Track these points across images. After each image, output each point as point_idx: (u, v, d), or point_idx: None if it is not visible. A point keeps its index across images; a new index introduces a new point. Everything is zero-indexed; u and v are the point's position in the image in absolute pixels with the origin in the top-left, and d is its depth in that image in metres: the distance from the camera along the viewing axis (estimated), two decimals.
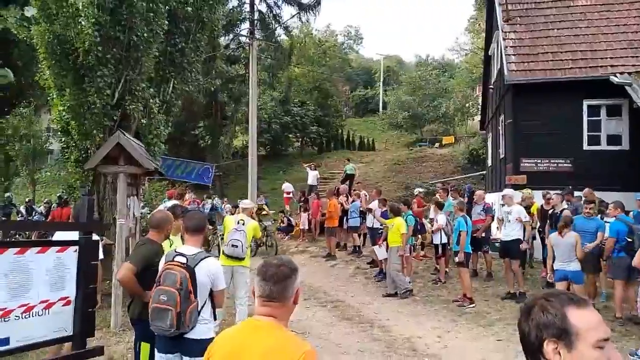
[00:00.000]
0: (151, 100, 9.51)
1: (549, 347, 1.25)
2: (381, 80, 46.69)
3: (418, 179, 24.48)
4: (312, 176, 21.07)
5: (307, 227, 15.41)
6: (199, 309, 3.42)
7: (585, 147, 12.05)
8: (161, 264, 3.56)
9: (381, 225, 10.73)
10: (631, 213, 8.38)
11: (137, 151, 7.13)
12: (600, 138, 12.04)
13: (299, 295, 1.97)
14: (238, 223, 6.81)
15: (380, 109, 43.25)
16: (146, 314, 3.49)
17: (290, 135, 32.88)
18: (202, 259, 3.48)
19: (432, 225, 10.56)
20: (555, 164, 12.14)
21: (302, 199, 16.81)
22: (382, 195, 12.41)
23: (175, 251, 3.58)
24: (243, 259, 6.68)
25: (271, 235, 14.32)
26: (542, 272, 10.05)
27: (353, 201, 13.33)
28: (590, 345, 1.21)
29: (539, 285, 9.43)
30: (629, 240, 7.32)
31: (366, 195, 13.22)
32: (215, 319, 3.69)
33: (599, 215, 8.35)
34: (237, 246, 6.59)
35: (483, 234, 10.05)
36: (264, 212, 15.93)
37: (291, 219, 16.74)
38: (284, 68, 30.02)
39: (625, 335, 6.82)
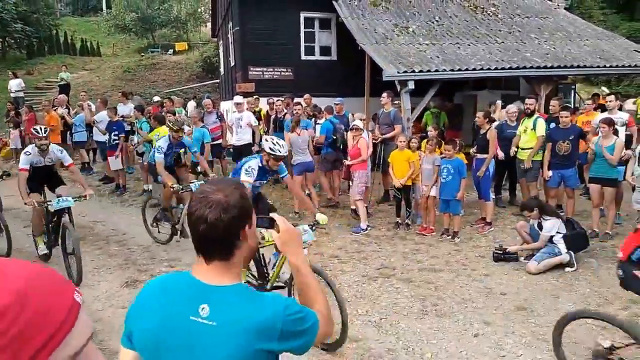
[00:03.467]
0: None
1: (249, 230, 1.39)
2: None
3: (152, 87, 23.36)
4: (15, 85, 17.82)
5: (20, 146, 13.22)
6: None
7: (303, 57, 13.37)
8: None
9: (116, 137, 10.04)
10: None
11: None
12: (315, 49, 13.50)
13: None
14: None
15: (104, 9, 38.35)
16: None
17: None
18: None
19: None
20: (279, 73, 13.19)
21: (13, 112, 14.20)
22: (109, 105, 11.45)
23: None
24: None
25: None
26: None
27: (76, 113, 11.95)
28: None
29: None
30: (334, 137, 8.73)
31: (90, 106, 11.97)
32: None
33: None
34: None
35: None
36: None
37: None
38: None
39: (333, 215, 8.35)
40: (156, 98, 14.23)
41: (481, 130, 7.72)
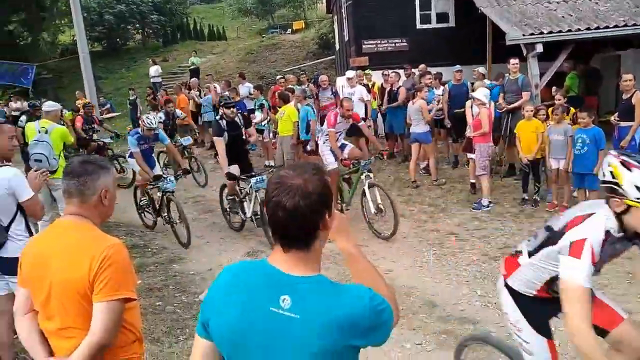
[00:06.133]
0: None
1: (329, 218, 1.32)
2: None
3: (272, 67, 24.23)
4: (153, 71, 19.69)
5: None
6: (4, 225, 3.08)
7: (418, 25, 12.82)
8: None
9: None
10: (447, 85, 9.39)
11: None
12: (431, 16, 12.86)
13: (107, 197, 1.88)
14: (39, 132, 6.02)
15: None
16: None
17: (129, 27, 29.57)
18: None
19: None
20: (393, 44, 12.82)
21: (151, 97, 15.74)
22: (232, 86, 12.11)
23: None
24: (55, 171, 5.88)
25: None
26: (385, 146, 11.02)
27: (205, 95, 12.85)
28: None
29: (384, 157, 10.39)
30: None
31: (216, 88, 12.77)
32: (31, 233, 3.30)
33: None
34: (40, 160, 5.84)
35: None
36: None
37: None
38: None
39: (451, 190, 8.00)
40: (289, 76, 14.30)
41: (624, 95, 6.77)
